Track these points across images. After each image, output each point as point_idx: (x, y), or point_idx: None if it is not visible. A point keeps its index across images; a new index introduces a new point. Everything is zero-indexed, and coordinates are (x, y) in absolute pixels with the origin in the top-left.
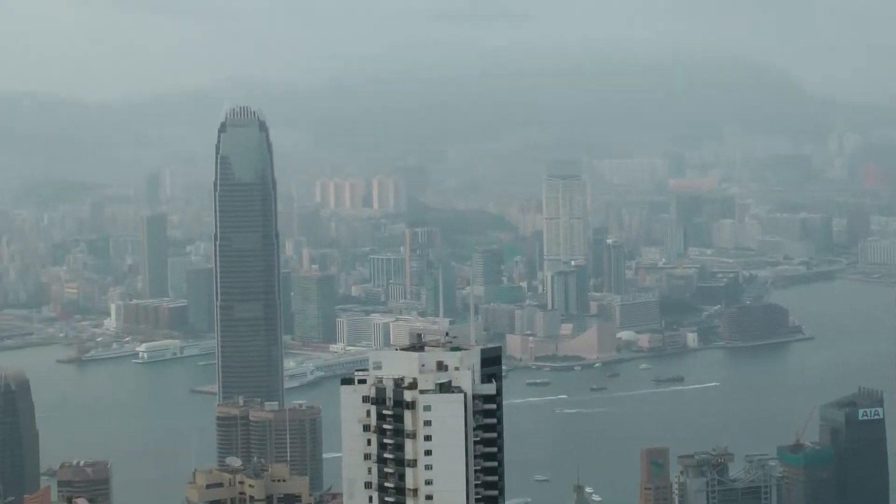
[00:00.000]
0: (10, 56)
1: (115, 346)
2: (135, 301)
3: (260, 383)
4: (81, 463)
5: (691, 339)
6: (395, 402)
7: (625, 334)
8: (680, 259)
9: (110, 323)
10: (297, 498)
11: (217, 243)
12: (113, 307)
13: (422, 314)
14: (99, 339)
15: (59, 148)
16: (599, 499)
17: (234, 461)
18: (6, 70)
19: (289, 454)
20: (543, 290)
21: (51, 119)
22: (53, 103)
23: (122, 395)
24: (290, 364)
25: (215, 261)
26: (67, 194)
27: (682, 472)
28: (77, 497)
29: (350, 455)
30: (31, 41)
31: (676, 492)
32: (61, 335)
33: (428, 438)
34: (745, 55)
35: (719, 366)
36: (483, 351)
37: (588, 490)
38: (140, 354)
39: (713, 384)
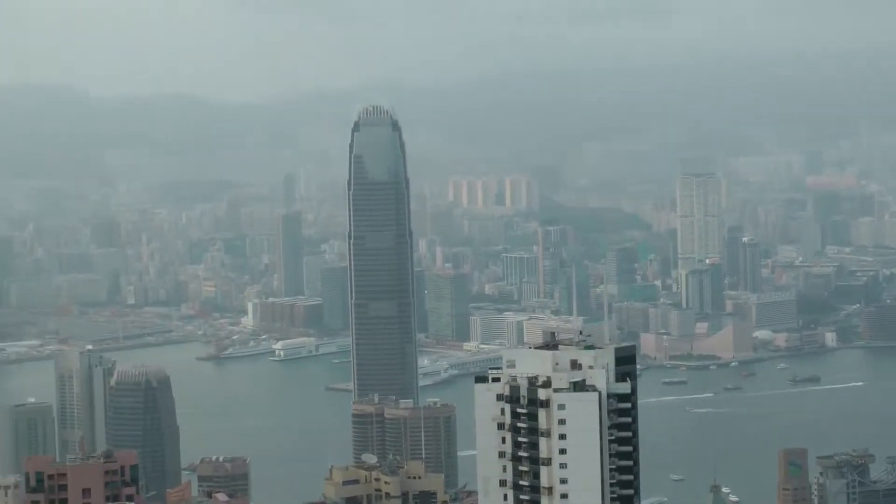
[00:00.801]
0: (152, 58)
1: (251, 343)
2: (271, 299)
3: (394, 381)
4: (221, 459)
5: (830, 338)
6: (529, 400)
7: (761, 333)
8: (817, 257)
9: (247, 321)
10: (432, 495)
11: (351, 242)
12: (250, 305)
13: (555, 313)
14: (236, 336)
15: (198, 148)
16: (736, 499)
17: (370, 458)
18: (148, 72)
19: (424, 452)
20: (678, 288)
21: (190, 120)
22: (192, 104)
23: (260, 392)
24: (424, 362)
25: (350, 259)
26: (205, 193)
27: (821, 474)
28: (217, 492)
29: (485, 453)
30: (171, 43)
31: (816, 493)
32: (200, 333)
33: (562, 437)
34: (883, 49)
35: (858, 366)
36: (617, 349)
37: (725, 490)
38: (276, 352)
39: (854, 384)
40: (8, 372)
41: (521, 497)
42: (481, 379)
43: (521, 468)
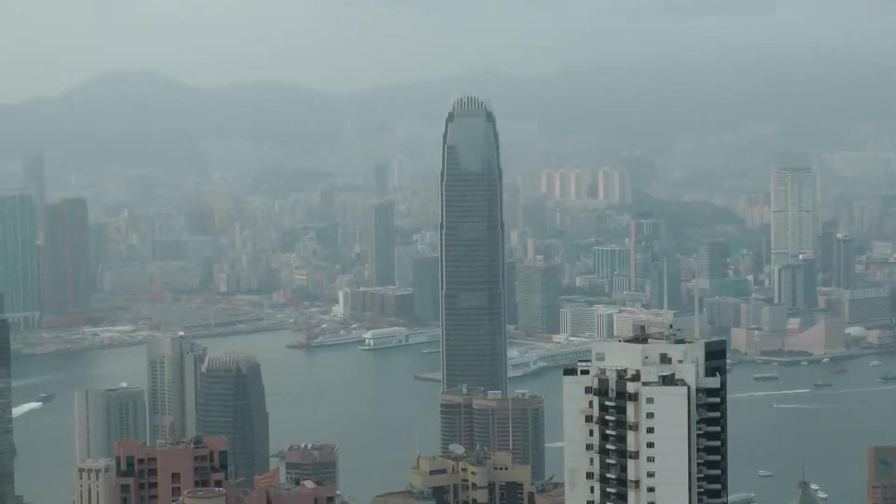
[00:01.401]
0: (248, 48)
1: (342, 332)
2: (362, 288)
3: (483, 372)
4: (309, 446)
5: None
6: (617, 393)
7: (854, 330)
8: None
9: (338, 310)
10: (518, 486)
11: (443, 232)
12: (341, 294)
13: (646, 306)
14: (326, 325)
15: (292, 137)
16: (825, 496)
17: (458, 448)
18: (243, 62)
19: (511, 443)
20: (770, 283)
21: (284, 109)
22: (287, 93)
23: (349, 381)
24: (513, 353)
25: (441, 250)
26: (299, 182)
27: None
28: (304, 479)
29: (572, 445)
30: (266, 33)
31: None
32: (291, 321)
33: (650, 430)
34: None
35: None
36: (707, 344)
37: (813, 487)
38: (366, 341)
39: None
40: (101, 357)
41: (608, 490)
42: (570, 371)
43: (608, 461)
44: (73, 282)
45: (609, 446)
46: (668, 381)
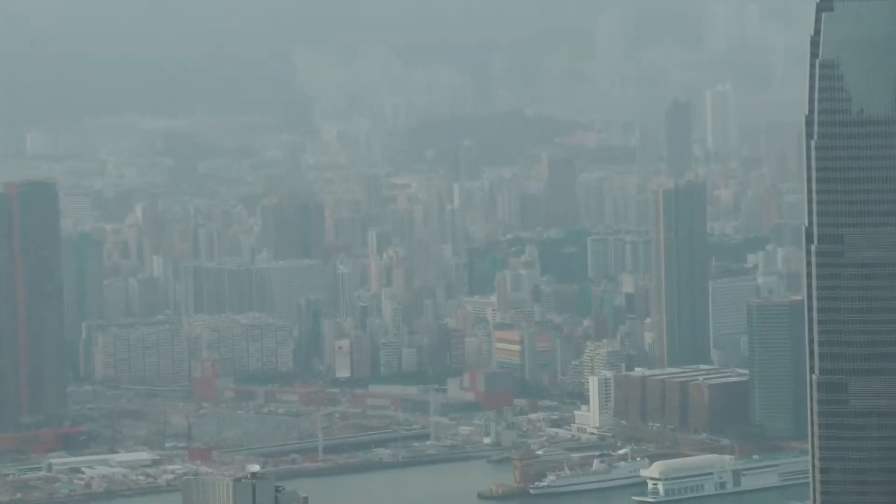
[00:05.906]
0: None
1: (595, 464)
2: (637, 370)
3: None
4: None
5: None
6: None
7: None
8: None
9: (589, 416)
10: None
11: (812, 247)
12: (593, 382)
13: None
14: (559, 450)
15: (497, 49)
16: None
17: None
18: None
19: None
20: None
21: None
22: None
23: None
24: None
25: (808, 285)
26: (503, 143)
27: None
28: None
29: None
30: None
31: None
32: (486, 440)
33: None
34: None
35: None
36: None
37: None
38: (650, 484)
39: None
40: None
41: None
42: None
43: None
44: (29, 359)
45: None
46: None
